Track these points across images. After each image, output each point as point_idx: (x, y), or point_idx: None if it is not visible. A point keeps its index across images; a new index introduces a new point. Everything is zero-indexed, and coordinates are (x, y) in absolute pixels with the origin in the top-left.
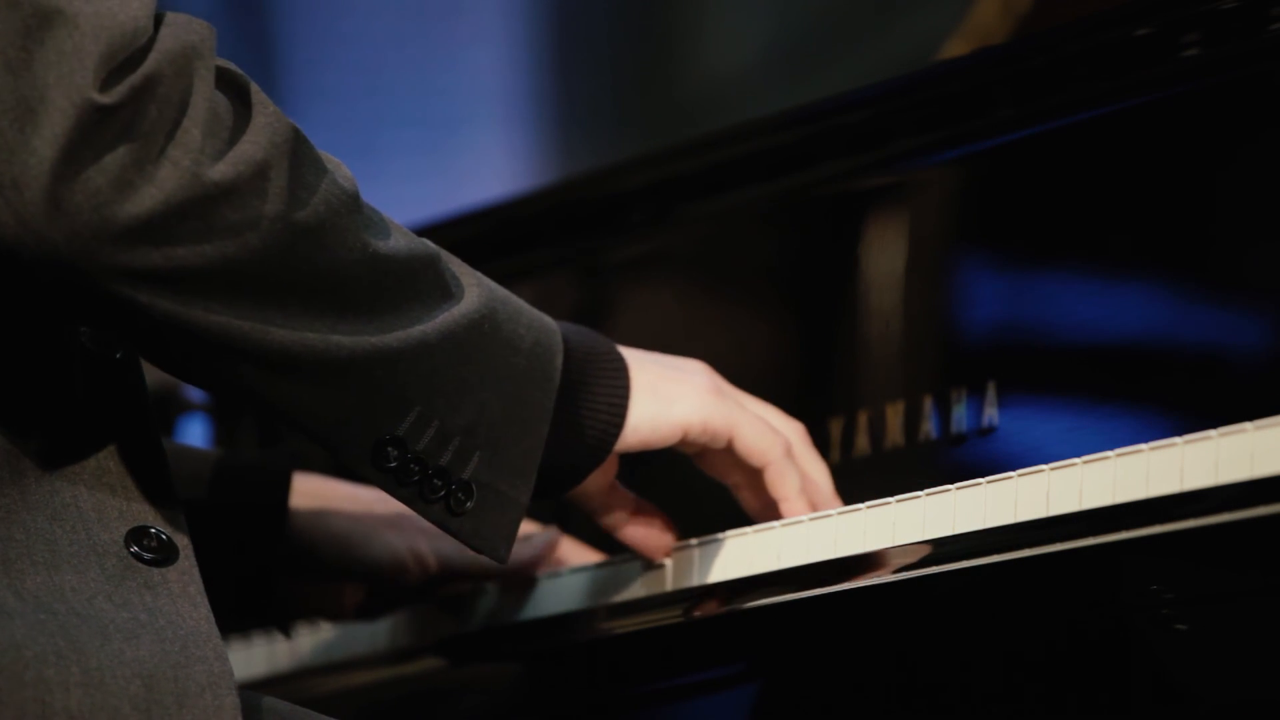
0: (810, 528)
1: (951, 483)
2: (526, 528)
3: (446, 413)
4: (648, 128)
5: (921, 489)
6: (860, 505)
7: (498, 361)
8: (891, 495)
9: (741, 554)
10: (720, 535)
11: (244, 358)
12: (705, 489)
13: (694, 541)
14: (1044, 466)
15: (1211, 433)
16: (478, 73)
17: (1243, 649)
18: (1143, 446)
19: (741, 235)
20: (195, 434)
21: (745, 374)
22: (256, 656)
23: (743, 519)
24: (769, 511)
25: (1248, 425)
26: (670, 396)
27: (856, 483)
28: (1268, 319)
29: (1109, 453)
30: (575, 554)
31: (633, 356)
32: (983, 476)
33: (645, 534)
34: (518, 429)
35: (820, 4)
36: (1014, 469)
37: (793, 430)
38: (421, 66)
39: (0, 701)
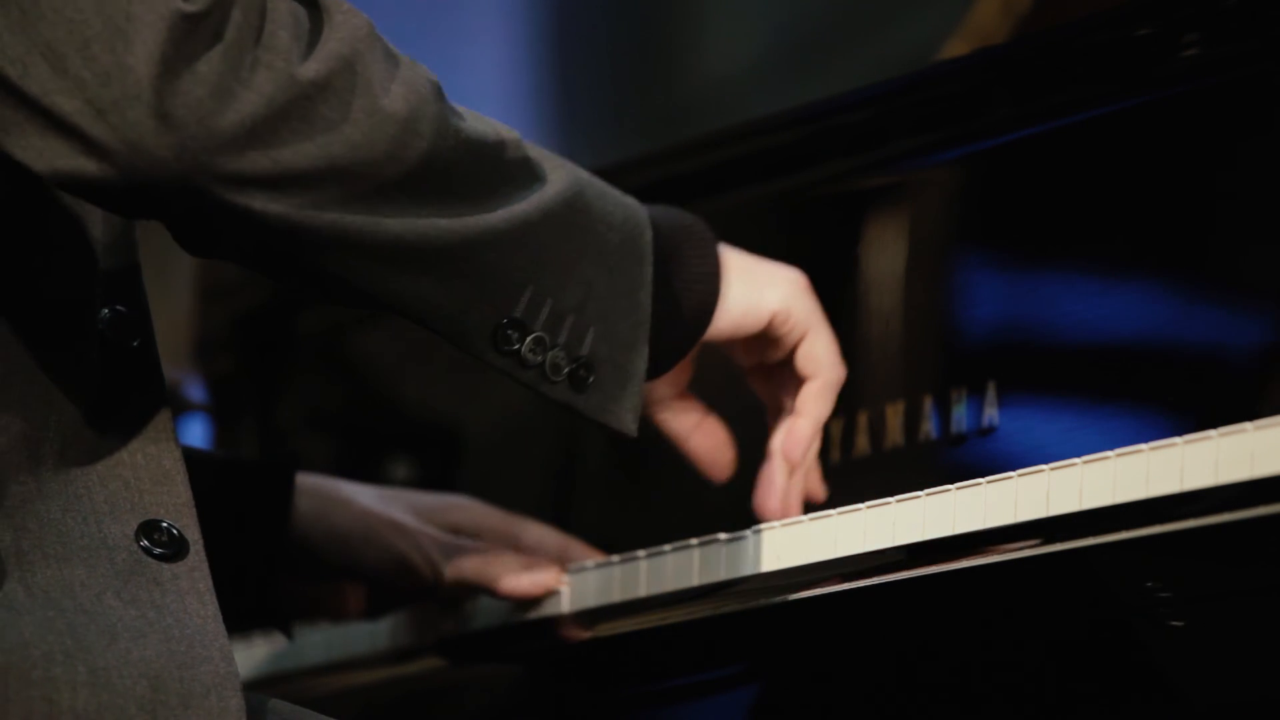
0: (810, 527)
1: (951, 483)
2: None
3: (557, 291)
4: (648, 128)
5: (921, 489)
6: (860, 505)
7: (595, 237)
8: (891, 495)
9: (741, 554)
10: (720, 536)
11: (360, 253)
12: (705, 489)
13: (694, 541)
14: (1044, 466)
15: (1211, 433)
16: (478, 72)
17: (1244, 648)
18: (1143, 446)
19: (741, 235)
20: (195, 434)
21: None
22: (257, 656)
23: (742, 518)
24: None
25: (1248, 425)
26: (763, 281)
27: (857, 482)
28: (1268, 319)
29: (1109, 453)
30: (575, 554)
31: (722, 244)
32: (983, 476)
33: (710, 446)
34: (625, 302)
35: (820, 4)
36: (1014, 469)
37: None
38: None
39: (8, 699)
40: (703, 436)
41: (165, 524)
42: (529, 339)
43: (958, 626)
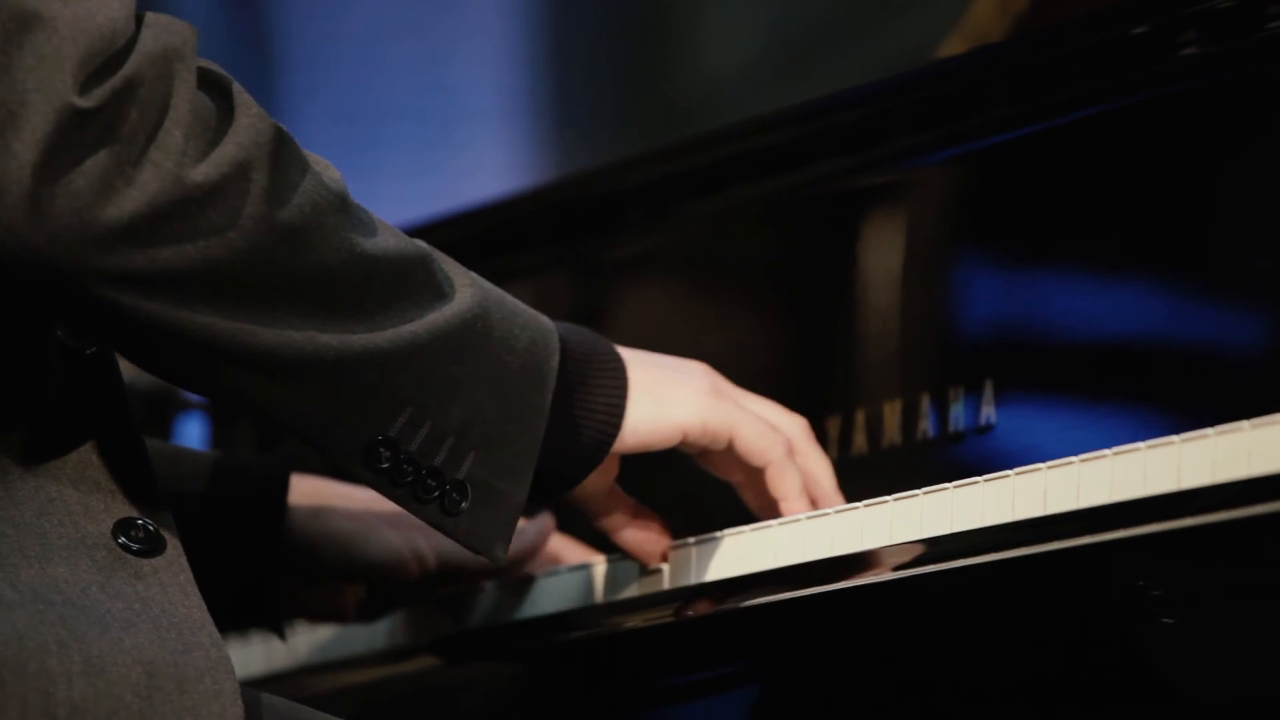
0: (807, 526)
1: (949, 481)
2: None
3: (439, 413)
4: (646, 126)
5: (919, 488)
6: (857, 504)
7: (491, 361)
8: (889, 494)
9: (739, 553)
10: (718, 534)
11: (231, 360)
12: (705, 489)
13: (691, 540)
14: (1041, 465)
15: (1209, 431)
16: (476, 70)
17: (1246, 648)
18: (1140, 445)
19: (739, 234)
20: (193, 435)
21: (743, 373)
22: (255, 655)
23: (742, 517)
24: (771, 509)
25: (1245, 424)
26: (669, 398)
27: (854, 481)
28: (1267, 318)
29: (1106, 451)
30: (573, 552)
31: (631, 357)
32: (980, 475)
33: (642, 539)
34: (513, 428)
35: (819, 4)
36: (1011, 467)
37: (794, 426)
38: (420, 63)
39: (5, 694)
40: (634, 530)
41: (140, 521)
42: (400, 458)
43: (957, 626)
